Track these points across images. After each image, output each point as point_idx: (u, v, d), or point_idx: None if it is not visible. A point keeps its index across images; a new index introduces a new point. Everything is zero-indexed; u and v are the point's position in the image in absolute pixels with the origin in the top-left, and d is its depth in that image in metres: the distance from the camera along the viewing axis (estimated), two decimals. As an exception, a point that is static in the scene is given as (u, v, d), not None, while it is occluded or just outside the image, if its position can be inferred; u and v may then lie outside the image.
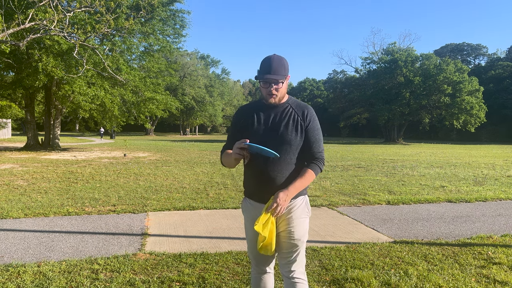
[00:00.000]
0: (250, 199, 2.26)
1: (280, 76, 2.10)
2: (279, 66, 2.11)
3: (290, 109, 2.20)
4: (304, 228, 2.22)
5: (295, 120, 2.16)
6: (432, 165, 14.80)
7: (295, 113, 2.19)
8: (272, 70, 2.09)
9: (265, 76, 2.09)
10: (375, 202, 6.99)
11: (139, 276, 3.42)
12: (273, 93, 2.14)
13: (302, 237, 2.21)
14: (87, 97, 17.56)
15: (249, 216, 2.28)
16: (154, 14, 19.85)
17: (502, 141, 51.71)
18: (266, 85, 2.13)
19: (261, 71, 2.13)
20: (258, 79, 2.14)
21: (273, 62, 2.11)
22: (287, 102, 2.22)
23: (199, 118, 67.78)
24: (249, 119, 2.23)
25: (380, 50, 51.68)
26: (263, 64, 2.13)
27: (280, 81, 2.12)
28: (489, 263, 3.84)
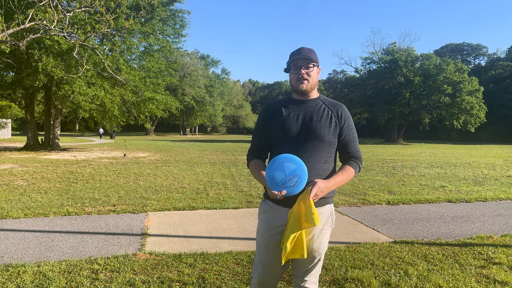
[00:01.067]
0: (270, 201, 2.06)
1: (311, 58, 1.97)
2: (309, 51, 2.00)
3: (323, 105, 2.05)
4: (326, 240, 2.06)
5: (329, 116, 2.02)
6: (432, 165, 14.80)
7: (329, 109, 2.05)
8: (302, 53, 1.97)
9: (297, 57, 1.96)
10: (375, 202, 6.99)
11: (139, 276, 3.42)
12: (304, 77, 1.98)
13: (323, 250, 2.05)
14: (87, 97, 17.57)
15: (265, 220, 2.07)
16: (154, 14, 19.85)
17: (502, 141, 51.71)
18: (296, 70, 1.98)
19: (290, 58, 2.01)
20: (288, 67, 2.02)
21: (303, 48, 2.01)
22: (319, 98, 2.08)
23: (199, 118, 67.79)
24: (277, 113, 2.05)
25: (380, 50, 51.72)
26: (292, 53, 2.03)
27: (310, 64, 1.98)
28: (489, 263, 3.84)
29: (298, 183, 1.82)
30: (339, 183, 1.96)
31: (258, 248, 2.11)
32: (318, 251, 2.03)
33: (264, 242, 2.06)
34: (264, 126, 2.09)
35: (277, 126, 2.02)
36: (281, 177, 1.82)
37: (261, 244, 2.08)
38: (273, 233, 2.02)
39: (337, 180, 1.95)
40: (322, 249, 2.04)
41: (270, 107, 2.11)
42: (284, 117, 2.02)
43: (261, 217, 2.12)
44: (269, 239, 2.03)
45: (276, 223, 2.01)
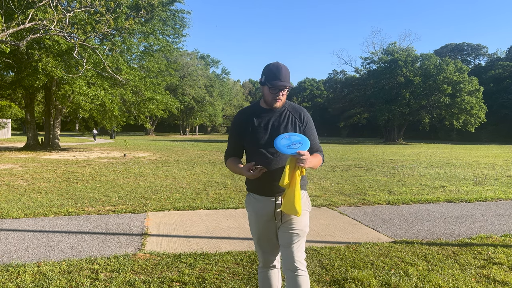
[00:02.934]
0: (254, 194, 2.36)
1: (289, 83, 2.24)
2: (287, 74, 2.24)
3: (287, 112, 2.34)
4: (305, 220, 2.33)
5: (293, 122, 2.32)
6: (432, 165, 14.81)
7: (293, 115, 2.34)
8: (282, 77, 2.21)
9: (278, 83, 2.20)
10: (375, 202, 6.99)
11: (139, 276, 3.42)
12: (280, 98, 2.27)
13: (304, 228, 2.31)
14: (87, 97, 17.57)
15: (253, 210, 2.38)
16: (154, 14, 19.86)
17: (502, 141, 51.71)
18: (274, 90, 2.24)
19: (270, 77, 2.22)
20: (267, 84, 2.23)
21: (282, 70, 2.22)
22: (284, 106, 2.36)
23: (199, 118, 67.79)
24: (249, 122, 2.33)
25: (380, 50, 51.74)
26: (272, 71, 2.22)
27: (287, 87, 2.25)
28: (489, 263, 3.84)
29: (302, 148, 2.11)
30: (313, 163, 2.21)
31: (254, 236, 2.42)
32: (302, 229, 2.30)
33: (257, 230, 2.39)
34: (237, 134, 2.39)
35: (250, 135, 2.31)
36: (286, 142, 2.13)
37: (255, 232, 2.40)
38: (263, 220, 2.34)
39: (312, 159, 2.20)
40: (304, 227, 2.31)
41: (242, 116, 2.40)
42: (256, 126, 2.31)
43: (249, 209, 2.42)
44: (260, 225, 2.36)
45: (263, 211, 2.32)
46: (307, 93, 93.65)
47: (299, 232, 2.29)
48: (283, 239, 2.31)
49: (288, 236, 2.28)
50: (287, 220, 2.29)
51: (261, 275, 2.47)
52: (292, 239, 2.28)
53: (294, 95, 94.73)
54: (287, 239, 2.29)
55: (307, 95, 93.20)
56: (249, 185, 2.39)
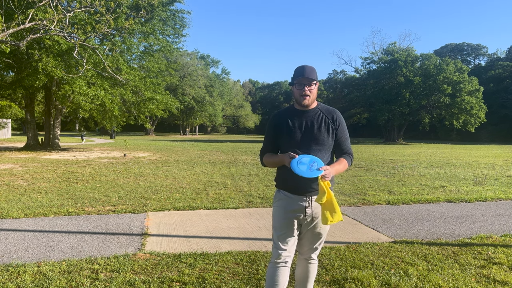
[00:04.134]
0: (285, 191, 2.48)
1: (313, 78, 2.37)
2: (312, 71, 2.39)
3: (320, 113, 2.46)
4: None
5: (326, 124, 2.44)
6: (432, 165, 14.81)
7: (326, 117, 2.46)
8: (306, 73, 2.35)
9: (300, 78, 2.36)
10: (375, 202, 6.99)
11: (139, 276, 3.42)
12: (306, 93, 2.38)
13: (327, 228, 2.56)
14: (87, 97, 17.56)
15: (282, 206, 2.48)
16: (154, 14, 19.86)
17: (502, 141, 51.70)
18: (300, 86, 2.38)
19: (295, 76, 2.39)
20: (293, 83, 2.41)
21: (307, 67, 2.39)
22: (317, 108, 2.49)
23: (199, 118, 67.77)
24: (283, 123, 2.47)
25: (380, 50, 51.74)
26: (297, 70, 2.40)
27: (312, 82, 2.37)
28: (489, 263, 3.84)
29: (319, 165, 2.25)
30: (338, 170, 2.41)
31: (276, 229, 2.51)
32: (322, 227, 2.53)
33: (281, 224, 2.48)
34: (273, 134, 2.52)
35: (285, 135, 2.45)
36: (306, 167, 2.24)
37: (278, 226, 2.49)
38: (289, 216, 2.46)
39: (336, 167, 2.39)
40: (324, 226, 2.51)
41: (277, 117, 2.53)
42: (291, 127, 2.44)
43: (277, 204, 2.54)
44: (285, 221, 2.46)
45: (291, 208, 2.45)
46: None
47: (323, 232, 2.55)
48: (307, 236, 2.53)
49: (314, 234, 2.52)
50: (315, 220, 2.48)
51: (271, 270, 2.50)
52: (319, 237, 2.55)
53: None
54: (312, 236, 2.53)
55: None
56: (281, 183, 2.50)
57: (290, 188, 2.44)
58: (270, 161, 2.52)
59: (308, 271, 2.62)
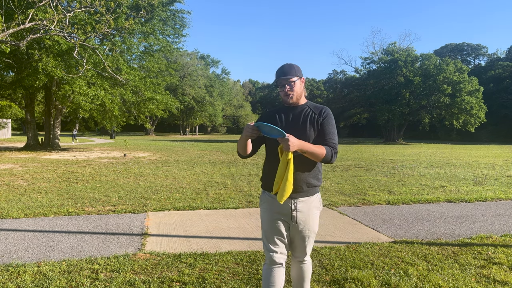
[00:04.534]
0: (269, 192, 2.45)
1: (291, 76, 2.35)
2: (289, 68, 2.37)
3: (308, 109, 2.44)
4: (316, 221, 2.50)
5: (312, 118, 2.39)
6: (432, 165, 14.80)
7: (313, 112, 2.42)
8: (284, 73, 2.36)
9: (279, 79, 2.37)
10: (375, 202, 6.99)
11: (139, 276, 3.42)
12: (288, 92, 2.38)
13: (315, 229, 2.51)
14: (87, 97, 17.56)
15: (266, 208, 2.47)
16: (154, 14, 19.86)
17: (502, 141, 51.70)
18: (281, 88, 2.39)
19: (276, 78, 2.40)
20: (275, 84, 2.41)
21: (284, 67, 2.39)
22: (306, 104, 2.48)
23: (199, 118, 67.75)
24: (271, 119, 2.46)
25: (380, 50, 51.71)
26: (276, 72, 2.40)
27: (291, 80, 2.36)
28: (489, 263, 3.84)
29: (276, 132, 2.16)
30: (308, 148, 2.23)
31: (265, 232, 2.48)
32: (313, 230, 2.48)
33: (269, 227, 2.46)
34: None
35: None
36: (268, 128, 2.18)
37: (267, 228, 2.47)
38: (276, 218, 2.43)
39: (308, 145, 2.23)
40: (315, 228, 2.49)
41: (266, 114, 2.51)
42: (277, 122, 2.43)
43: (263, 206, 2.51)
44: (273, 223, 2.44)
45: (277, 210, 2.42)
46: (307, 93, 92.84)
47: (311, 233, 2.49)
48: (297, 239, 2.49)
49: (302, 237, 2.47)
50: (301, 222, 2.43)
51: (266, 272, 2.49)
52: (305, 239, 2.49)
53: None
54: (301, 239, 2.48)
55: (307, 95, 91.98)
56: (266, 183, 2.46)
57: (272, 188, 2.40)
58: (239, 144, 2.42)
59: (302, 271, 2.61)
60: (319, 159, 2.29)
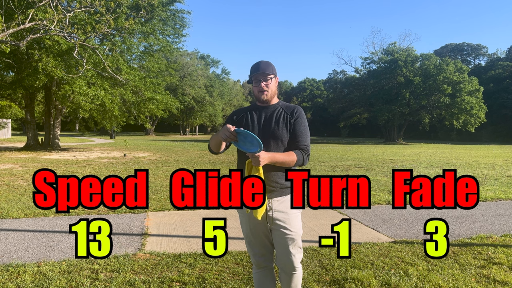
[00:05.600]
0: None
1: (268, 73, 2.31)
2: (267, 65, 2.34)
3: (280, 109, 2.39)
4: (298, 223, 2.36)
5: (285, 118, 2.34)
6: (432, 165, 14.80)
7: (285, 112, 2.37)
8: (261, 69, 2.32)
9: (256, 74, 2.31)
10: (375, 202, 6.99)
11: (139, 276, 3.42)
12: (264, 89, 2.33)
13: (298, 231, 2.34)
14: (87, 97, 17.56)
15: (242, 211, 2.40)
16: (154, 14, 19.85)
17: (502, 141, 51.71)
18: (257, 83, 2.33)
19: (251, 73, 2.35)
20: (250, 80, 2.35)
21: (261, 63, 2.35)
22: (278, 104, 2.43)
23: (199, 118, 67.74)
24: (241, 117, 2.42)
25: (380, 50, 51.69)
26: (252, 67, 2.36)
27: (268, 76, 2.32)
28: (489, 263, 3.84)
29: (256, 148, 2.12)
30: (278, 159, 2.20)
31: (246, 236, 2.43)
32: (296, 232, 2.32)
33: (248, 232, 2.40)
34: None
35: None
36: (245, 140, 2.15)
37: (246, 234, 2.42)
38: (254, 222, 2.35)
39: (277, 156, 2.20)
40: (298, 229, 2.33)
41: (236, 113, 2.48)
42: (249, 121, 2.38)
43: (241, 211, 2.42)
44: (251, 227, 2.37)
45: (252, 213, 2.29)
46: (307, 93, 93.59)
47: (294, 235, 2.32)
48: (278, 243, 2.35)
49: (283, 240, 2.32)
50: (279, 223, 2.30)
51: (256, 276, 2.47)
52: (288, 242, 2.32)
53: (294, 95, 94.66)
54: (282, 243, 2.33)
55: (307, 95, 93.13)
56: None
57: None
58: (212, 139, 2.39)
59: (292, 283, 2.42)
60: (290, 166, 2.26)
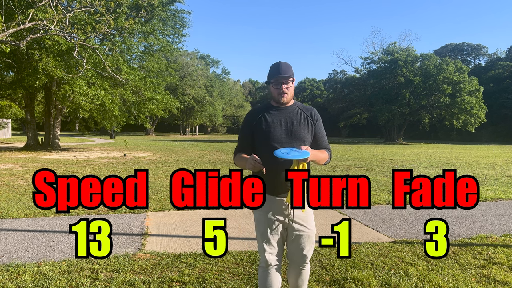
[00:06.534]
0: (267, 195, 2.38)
1: (289, 75, 2.34)
2: (287, 67, 2.36)
3: (299, 110, 2.44)
4: (313, 220, 2.49)
5: (306, 120, 2.42)
6: (432, 165, 14.80)
7: (304, 113, 2.44)
8: (282, 71, 2.33)
9: (277, 76, 2.33)
10: (375, 202, 6.99)
11: (139, 276, 3.42)
12: (284, 91, 2.37)
13: (313, 228, 2.47)
14: (87, 97, 17.56)
15: (263, 209, 2.39)
16: (154, 14, 19.84)
17: (502, 141, 51.69)
18: (277, 85, 2.36)
19: (271, 74, 2.36)
20: (269, 81, 2.38)
21: (282, 64, 2.36)
22: (294, 105, 2.47)
23: (199, 118, 67.76)
24: (262, 120, 2.41)
25: (380, 50, 51.66)
26: (272, 68, 2.37)
27: (289, 79, 2.35)
28: (489, 263, 3.84)
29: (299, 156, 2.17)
30: (318, 156, 2.33)
31: (261, 234, 2.42)
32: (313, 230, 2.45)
33: (265, 228, 2.40)
34: (249, 132, 2.44)
35: (264, 132, 2.37)
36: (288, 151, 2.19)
37: (263, 230, 2.41)
38: (272, 219, 2.38)
39: (317, 153, 2.32)
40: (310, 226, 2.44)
41: (251, 116, 2.47)
42: (269, 123, 2.38)
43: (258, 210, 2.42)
44: (269, 224, 2.39)
45: (274, 211, 2.38)
46: (307, 93, 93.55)
47: (310, 232, 2.43)
48: (294, 240, 2.42)
49: (300, 238, 2.41)
50: (298, 221, 2.39)
51: (262, 275, 2.47)
52: (304, 239, 2.42)
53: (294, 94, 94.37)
54: (298, 241, 2.42)
55: (307, 95, 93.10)
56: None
57: (269, 190, 2.35)
58: (239, 162, 2.44)
59: (301, 275, 2.56)
60: (321, 163, 2.34)
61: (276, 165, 2.27)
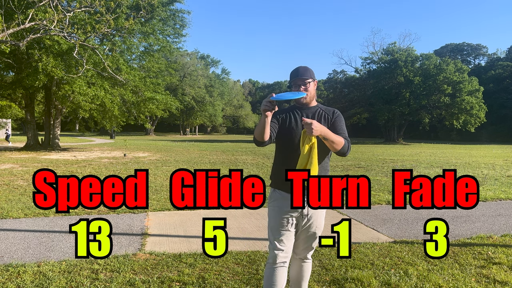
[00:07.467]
0: (281, 191, 2.48)
1: (306, 77, 2.44)
2: (305, 70, 2.47)
3: (321, 110, 2.54)
4: (323, 221, 2.62)
5: (326, 118, 2.50)
6: (432, 165, 14.80)
7: (326, 113, 2.53)
8: (299, 74, 2.46)
9: (295, 79, 2.45)
10: (375, 202, 6.99)
11: (139, 276, 3.42)
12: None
13: (322, 225, 2.62)
14: (87, 97, 17.56)
15: (277, 205, 2.48)
16: (154, 14, 19.85)
17: (502, 141, 51.67)
18: (296, 87, 2.47)
19: (291, 78, 2.49)
20: (290, 85, 2.50)
21: (300, 68, 2.49)
22: (317, 106, 2.57)
23: (199, 118, 67.77)
24: (285, 116, 2.52)
25: (380, 50, 51.63)
26: (292, 73, 2.49)
27: (306, 81, 2.45)
28: (489, 263, 3.84)
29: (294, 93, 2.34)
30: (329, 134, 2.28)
31: (273, 230, 2.49)
32: (321, 228, 2.59)
33: (277, 225, 2.46)
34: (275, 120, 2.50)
35: (287, 129, 2.47)
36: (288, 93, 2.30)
37: (275, 226, 2.48)
38: (285, 216, 2.45)
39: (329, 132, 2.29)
40: (320, 224, 2.58)
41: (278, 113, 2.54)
42: (293, 122, 2.49)
43: (272, 204, 2.52)
44: (282, 221, 2.46)
45: (287, 208, 2.43)
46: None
47: (318, 230, 2.57)
48: (303, 236, 2.55)
49: (309, 234, 2.54)
50: (310, 218, 2.50)
51: (269, 271, 2.48)
52: (314, 237, 2.57)
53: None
54: (307, 236, 2.55)
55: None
56: (276, 181, 2.51)
57: (285, 187, 2.41)
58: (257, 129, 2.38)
59: (303, 270, 2.65)
60: (337, 148, 2.32)
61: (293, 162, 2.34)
